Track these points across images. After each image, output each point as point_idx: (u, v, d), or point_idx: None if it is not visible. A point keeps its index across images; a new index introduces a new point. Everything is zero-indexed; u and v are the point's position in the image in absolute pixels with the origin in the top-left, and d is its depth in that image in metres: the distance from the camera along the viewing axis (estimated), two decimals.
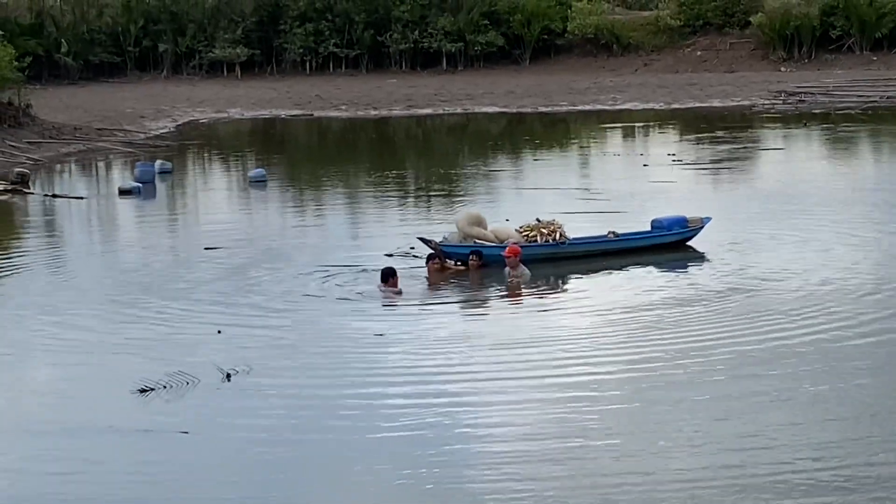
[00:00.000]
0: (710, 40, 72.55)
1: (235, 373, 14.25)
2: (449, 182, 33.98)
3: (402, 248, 21.75)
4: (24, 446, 12.32)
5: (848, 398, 12.87)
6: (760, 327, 15.87)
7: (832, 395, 13.00)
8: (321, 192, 32.88)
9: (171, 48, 76.00)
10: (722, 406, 12.69)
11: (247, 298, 18.67)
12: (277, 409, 13.18)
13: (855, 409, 12.46)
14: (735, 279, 18.93)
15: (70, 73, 73.43)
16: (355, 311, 17.68)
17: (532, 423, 12.41)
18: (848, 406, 12.60)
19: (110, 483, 11.26)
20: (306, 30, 74.12)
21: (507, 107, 57.49)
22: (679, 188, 29.55)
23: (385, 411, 12.92)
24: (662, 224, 21.79)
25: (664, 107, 55.61)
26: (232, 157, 43.18)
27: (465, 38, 73.36)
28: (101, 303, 18.65)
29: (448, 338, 16.24)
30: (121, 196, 31.47)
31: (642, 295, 18.28)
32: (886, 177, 32.47)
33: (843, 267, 19.57)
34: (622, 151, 40.16)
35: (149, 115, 54.63)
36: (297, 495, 10.88)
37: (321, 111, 58.61)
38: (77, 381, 14.62)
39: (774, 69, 67.32)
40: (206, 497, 10.94)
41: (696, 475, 10.79)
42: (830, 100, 55.12)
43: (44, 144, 42.74)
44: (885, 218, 24.24)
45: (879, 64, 66.27)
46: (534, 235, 20.86)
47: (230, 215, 28.81)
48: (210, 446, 12.18)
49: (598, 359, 14.76)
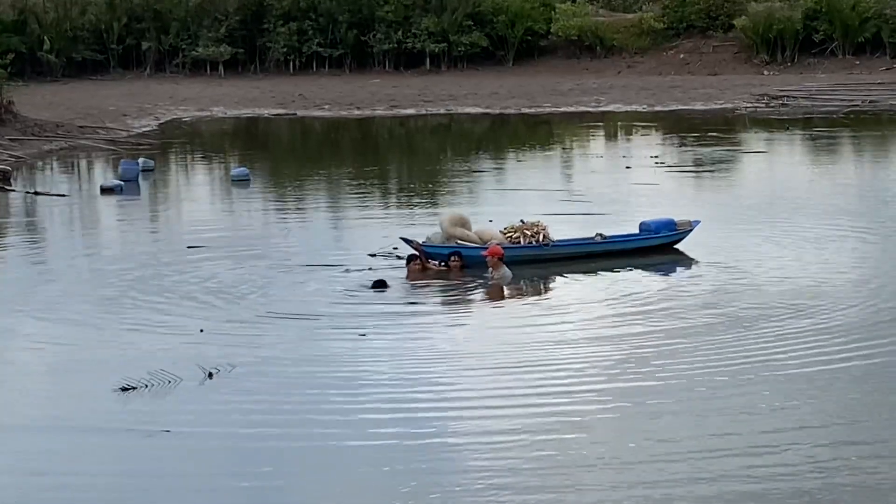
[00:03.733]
0: (694, 43, 72.62)
1: (217, 371, 14.24)
2: (432, 183, 33.98)
3: (386, 248, 21.75)
4: (5, 445, 12.28)
5: (841, 401, 12.88)
6: (750, 331, 15.88)
7: (827, 399, 12.99)
8: (304, 191, 32.84)
9: (155, 46, 75.80)
10: (710, 410, 12.68)
11: (229, 297, 18.64)
12: (259, 408, 13.18)
13: (850, 414, 12.47)
14: (723, 283, 18.92)
15: (53, 71, 73.14)
16: (338, 311, 17.68)
17: (511, 426, 12.42)
18: (842, 409, 12.61)
19: (92, 482, 11.24)
20: (290, 29, 73.97)
21: (491, 108, 57.48)
22: (662, 190, 29.57)
23: (368, 410, 12.93)
24: (650, 227, 21.67)
25: (647, 109, 55.67)
26: (215, 156, 43.10)
27: (448, 39, 73.31)
28: (83, 301, 18.60)
29: (429, 338, 16.26)
30: (103, 194, 31.38)
31: (626, 298, 18.26)
32: (869, 180, 32.55)
33: (832, 270, 19.65)
34: (605, 153, 40.18)
35: (131, 113, 54.48)
36: (279, 494, 10.87)
37: (304, 110, 58.53)
38: (58, 380, 14.59)
39: (757, 72, 67.41)
40: (188, 496, 10.93)
41: (687, 482, 10.79)
42: (813, 103, 55.23)
43: (26, 142, 42.59)
44: (870, 221, 24.32)
45: (862, 68, 66.41)
46: (517, 237, 20.83)
47: (213, 214, 28.78)
48: (192, 445, 12.17)
49: (580, 363, 14.77)
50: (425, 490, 10.76)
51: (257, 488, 10.94)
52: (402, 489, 10.82)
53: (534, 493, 10.56)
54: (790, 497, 10.39)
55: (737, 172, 34.79)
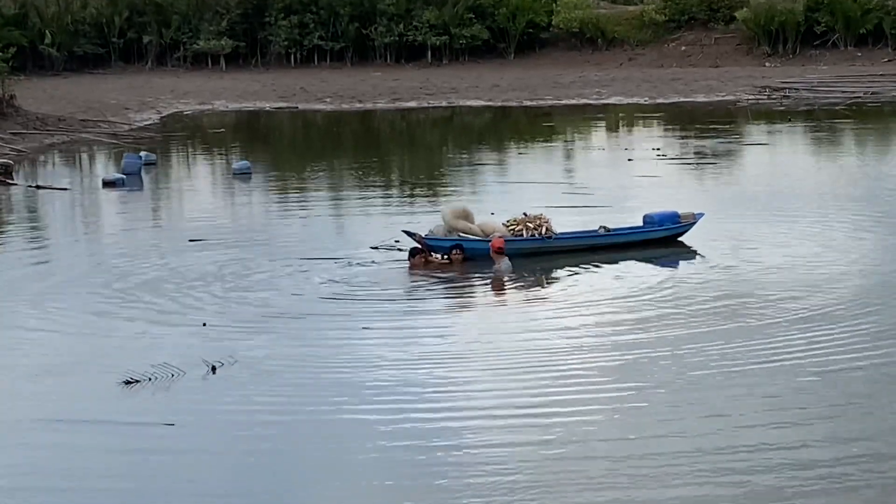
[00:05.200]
0: (695, 35, 72.61)
1: (221, 365, 14.23)
2: (434, 176, 33.95)
3: (388, 242, 21.72)
4: (8, 438, 12.27)
5: (844, 396, 12.84)
6: (756, 323, 15.85)
7: (830, 393, 12.94)
8: (306, 184, 32.82)
9: (156, 40, 75.82)
10: (716, 405, 12.64)
11: (231, 290, 18.63)
12: (263, 401, 13.16)
13: (854, 410, 12.43)
14: (728, 276, 18.90)
15: (54, 65, 73.19)
16: (340, 304, 17.66)
17: (512, 424, 12.41)
18: (845, 404, 12.58)
19: (95, 475, 11.23)
20: (291, 22, 74.00)
21: (492, 100, 57.45)
22: (664, 183, 29.54)
23: (372, 402, 12.93)
24: (654, 219, 21.61)
25: (648, 101, 55.64)
26: (216, 150, 43.08)
27: (450, 32, 73.30)
28: (86, 294, 18.58)
29: (431, 330, 16.26)
30: (104, 188, 31.38)
31: (631, 291, 18.21)
32: (872, 172, 32.50)
33: (837, 261, 19.62)
34: (607, 146, 40.16)
35: (133, 106, 54.47)
36: (282, 487, 10.86)
37: (305, 104, 58.51)
38: (61, 373, 14.56)
39: (759, 64, 67.39)
40: (192, 489, 10.92)
41: (692, 479, 10.78)
42: (815, 95, 55.21)
43: (27, 135, 42.59)
44: (873, 212, 24.30)
45: (864, 60, 66.40)
46: (520, 230, 20.80)
47: (215, 207, 28.76)
48: (196, 438, 12.15)
49: (585, 358, 14.74)
50: (431, 481, 10.75)
51: (261, 481, 10.92)
52: (405, 483, 10.81)
53: (535, 491, 10.54)
54: (803, 492, 10.38)
55: (739, 164, 34.75)
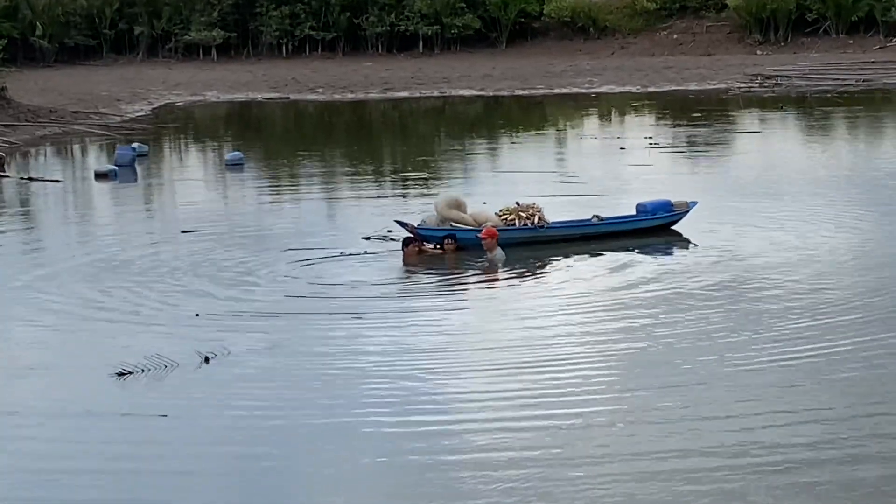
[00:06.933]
0: (687, 24, 72.61)
1: (214, 356, 14.23)
2: (426, 165, 33.94)
3: (380, 232, 21.73)
4: (1, 431, 12.25)
5: (842, 384, 12.84)
6: (749, 312, 15.85)
7: (827, 382, 12.93)
8: (298, 175, 32.81)
9: (147, 31, 75.66)
10: (711, 396, 12.63)
11: (224, 281, 18.62)
12: (256, 393, 13.16)
13: (850, 396, 12.45)
14: (721, 264, 18.89)
15: (45, 56, 73.03)
16: (333, 294, 17.66)
17: (509, 416, 12.42)
18: (845, 392, 12.59)
19: (88, 467, 11.22)
20: (282, 13, 73.89)
21: (484, 90, 57.42)
22: (656, 171, 29.56)
23: (365, 393, 12.93)
24: (647, 208, 21.62)
25: (640, 90, 55.65)
26: (208, 140, 43.03)
27: (441, 21, 73.22)
28: (78, 286, 18.55)
29: (426, 320, 16.26)
30: (97, 179, 31.34)
31: (624, 280, 18.23)
32: (863, 160, 32.56)
33: (831, 249, 19.66)
34: (599, 135, 40.16)
35: (124, 98, 54.38)
36: (275, 479, 10.86)
37: (297, 94, 58.45)
38: (54, 365, 14.56)
39: (750, 52, 67.41)
40: (185, 481, 10.91)
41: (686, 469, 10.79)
42: (806, 83, 55.23)
43: (19, 127, 42.51)
44: (865, 199, 24.35)
45: (855, 47, 66.43)
46: (512, 219, 20.80)
47: (207, 198, 28.74)
48: (189, 430, 12.15)
49: (578, 348, 14.75)
50: (426, 476, 10.76)
51: (254, 473, 10.93)
52: (402, 475, 10.82)
53: (535, 488, 10.54)
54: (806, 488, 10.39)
55: (731, 152, 34.76)
